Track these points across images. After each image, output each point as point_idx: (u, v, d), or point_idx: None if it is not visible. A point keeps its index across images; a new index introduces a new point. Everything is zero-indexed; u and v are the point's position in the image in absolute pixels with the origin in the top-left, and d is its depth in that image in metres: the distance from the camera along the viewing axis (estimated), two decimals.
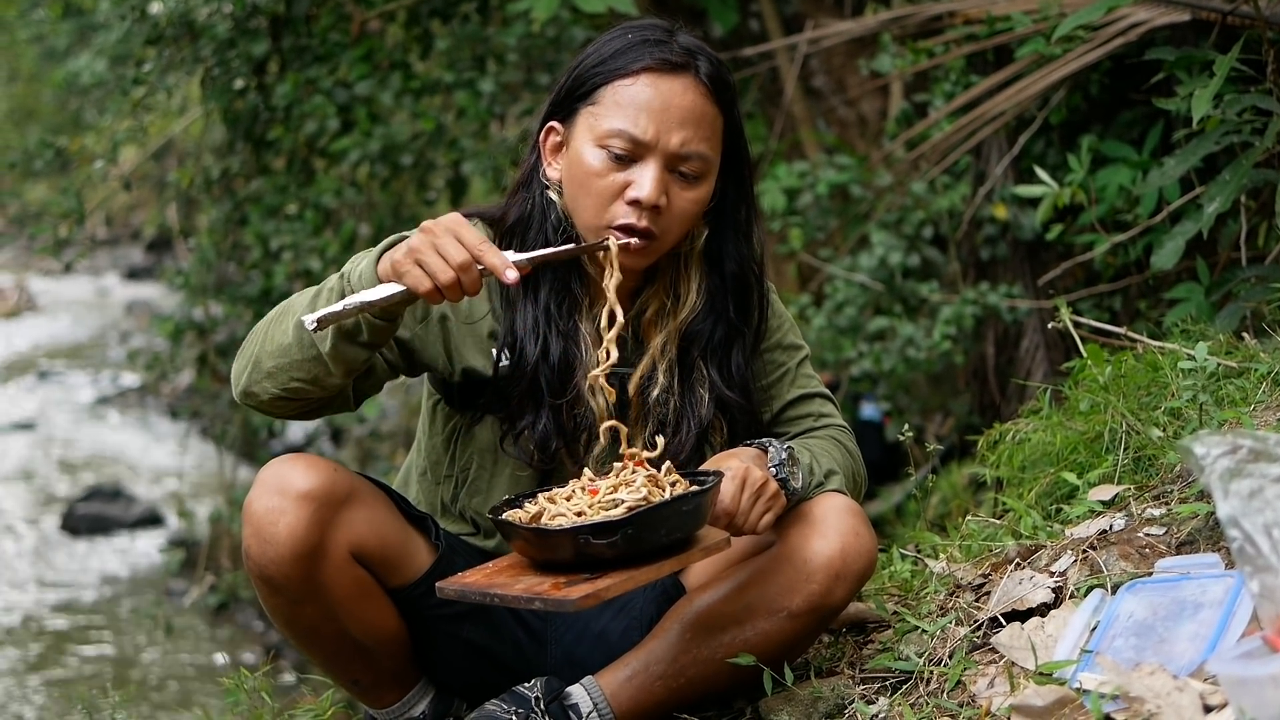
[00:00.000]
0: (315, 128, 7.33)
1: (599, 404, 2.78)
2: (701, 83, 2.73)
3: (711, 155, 2.75)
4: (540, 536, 2.43)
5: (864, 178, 6.61)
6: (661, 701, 2.74)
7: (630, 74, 2.72)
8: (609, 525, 2.37)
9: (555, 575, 2.42)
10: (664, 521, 2.42)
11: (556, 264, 2.78)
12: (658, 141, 2.69)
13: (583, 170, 2.73)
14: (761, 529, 2.61)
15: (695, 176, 2.73)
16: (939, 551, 3.38)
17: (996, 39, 5.34)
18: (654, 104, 2.70)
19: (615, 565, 2.40)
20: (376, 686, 2.88)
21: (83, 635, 9.35)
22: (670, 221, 2.73)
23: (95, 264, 21.68)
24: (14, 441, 14.07)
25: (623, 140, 2.70)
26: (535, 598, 2.36)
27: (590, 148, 2.73)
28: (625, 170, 2.71)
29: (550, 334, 2.78)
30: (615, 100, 2.72)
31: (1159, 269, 4.22)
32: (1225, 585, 2.42)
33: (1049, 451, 3.49)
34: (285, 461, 2.64)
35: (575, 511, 2.46)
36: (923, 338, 6.06)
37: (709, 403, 2.83)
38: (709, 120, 2.74)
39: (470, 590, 2.44)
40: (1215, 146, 4.07)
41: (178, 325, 8.52)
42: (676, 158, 2.71)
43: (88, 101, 14.19)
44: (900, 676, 2.78)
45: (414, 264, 2.43)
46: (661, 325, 2.85)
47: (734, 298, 2.87)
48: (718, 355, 2.86)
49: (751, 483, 2.58)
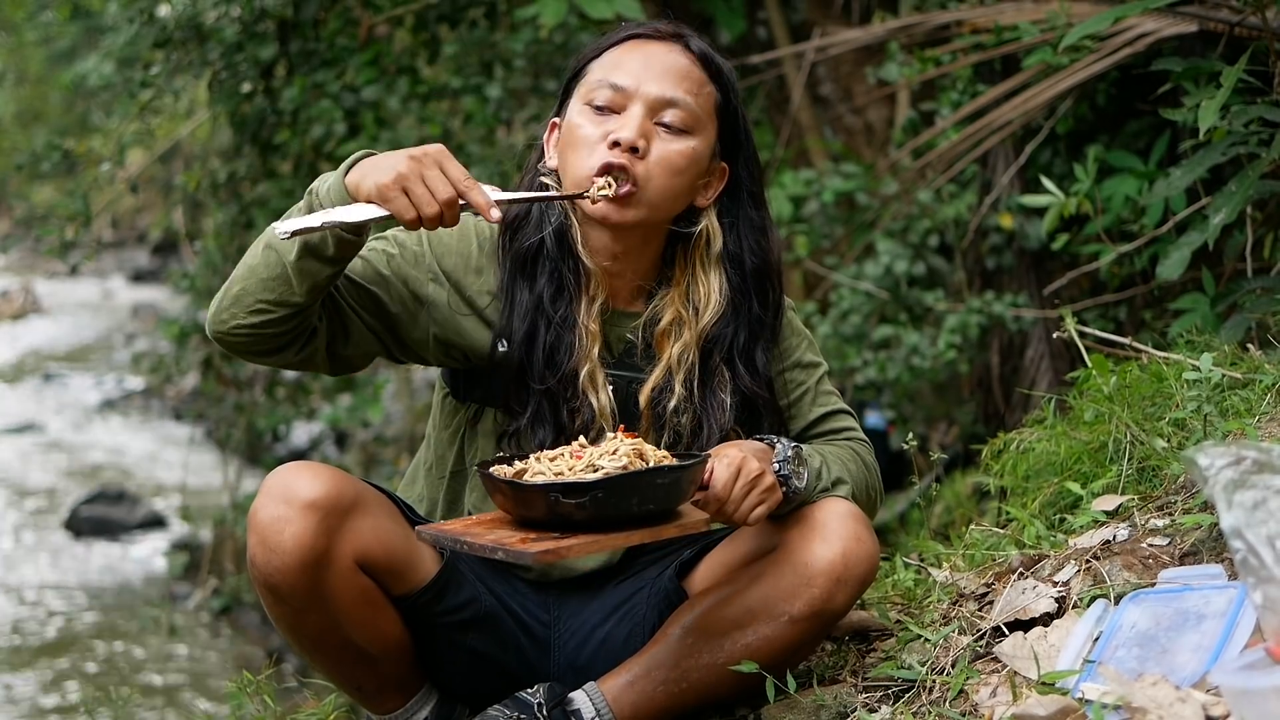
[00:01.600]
0: (322, 132, 7.34)
1: (600, 401, 2.78)
2: (689, 51, 2.80)
3: (697, 109, 2.78)
4: (515, 491, 2.45)
5: (870, 186, 6.62)
6: (663, 707, 2.74)
7: (614, 45, 2.82)
8: (579, 486, 2.40)
9: (529, 532, 2.45)
10: (636, 490, 2.43)
11: (551, 254, 2.80)
12: (638, 87, 2.74)
13: (571, 130, 2.79)
14: (752, 521, 2.60)
15: (680, 129, 2.76)
16: (942, 560, 3.38)
17: (1004, 48, 5.35)
18: (636, 57, 2.78)
19: (586, 528, 2.42)
20: (380, 693, 2.87)
21: (85, 637, 9.36)
22: (652, 169, 2.74)
23: (101, 267, 21.74)
24: (18, 443, 14.09)
25: (605, 88, 2.76)
26: (499, 548, 2.38)
27: (578, 107, 2.79)
28: (609, 120, 2.75)
29: (540, 322, 2.78)
30: (600, 65, 2.81)
31: (1164, 279, 4.22)
32: (1228, 596, 2.41)
33: (1053, 461, 3.49)
34: (291, 470, 2.63)
35: (555, 472, 2.48)
36: (928, 346, 6.07)
37: (730, 407, 2.83)
38: (694, 78, 2.79)
39: (444, 536, 2.49)
40: (1222, 157, 4.06)
41: (183, 328, 8.54)
42: (659, 103, 2.75)
43: (95, 104, 14.22)
44: (903, 685, 2.78)
45: (400, 191, 2.43)
46: (677, 335, 2.83)
47: (756, 295, 2.87)
48: (742, 356, 2.85)
49: (746, 472, 2.57)
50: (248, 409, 8.80)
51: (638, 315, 2.85)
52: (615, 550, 2.88)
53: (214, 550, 9.89)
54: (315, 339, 2.69)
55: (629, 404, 2.82)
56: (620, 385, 2.82)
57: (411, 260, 2.79)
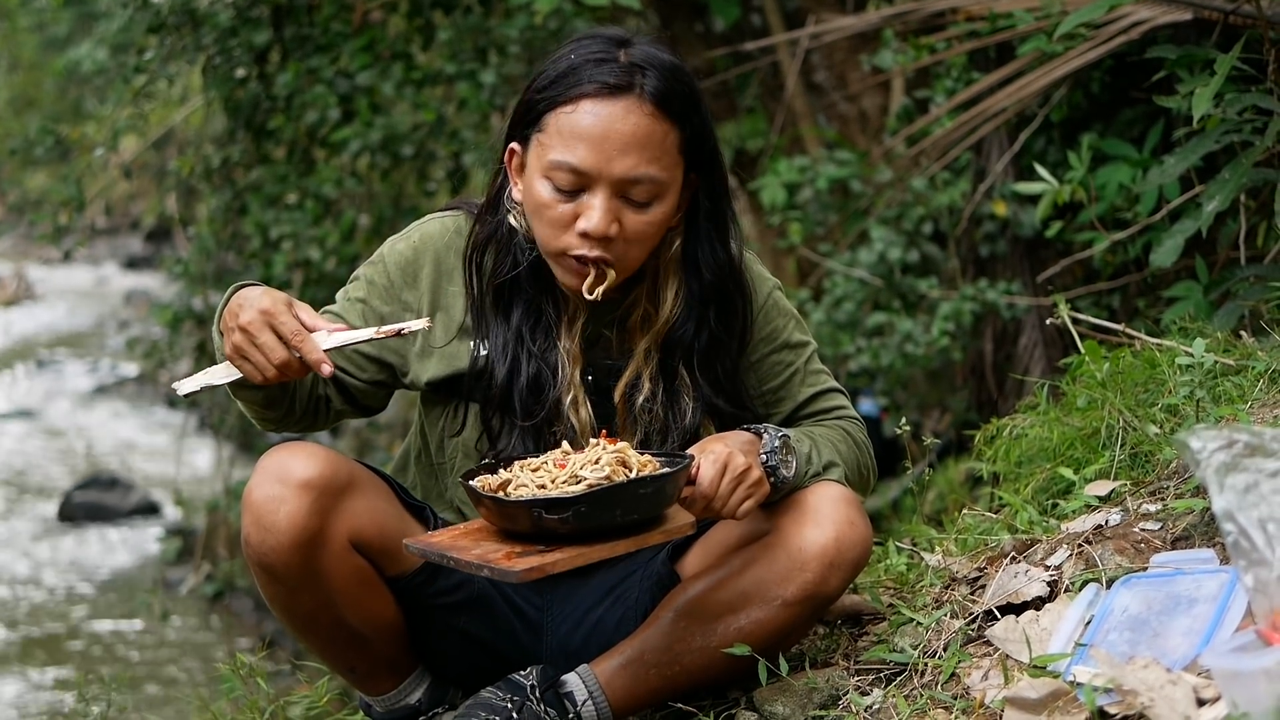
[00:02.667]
0: (316, 117, 7.33)
1: (581, 418, 2.78)
2: (645, 103, 2.66)
3: (662, 175, 2.69)
4: (499, 506, 2.47)
5: (864, 173, 6.63)
6: (656, 689, 2.74)
7: (570, 100, 2.67)
8: (562, 501, 2.41)
9: (514, 544, 2.46)
10: (619, 502, 2.44)
11: (527, 287, 2.80)
12: (600, 171, 2.65)
13: (534, 201, 2.72)
14: (740, 515, 2.59)
15: (647, 200, 2.69)
16: (935, 545, 3.39)
17: (998, 36, 5.35)
18: (594, 132, 2.64)
19: (569, 540, 2.43)
20: (372, 674, 2.88)
21: (79, 623, 9.36)
22: (627, 247, 2.70)
23: (94, 253, 21.71)
24: (12, 430, 14.08)
25: (565, 172, 2.66)
26: (484, 565, 2.40)
27: (539, 179, 2.70)
28: (574, 201, 2.68)
29: (521, 355, 2.78)
30: (557, 129, 2.68)
31: (1158, 267, 4.22)
32: (1220, 580, 2.42)
33: (1046, 447, 3.49)
34: (285, 449, 2.64)
35: (539, 484, 2.49)
36: (921, 333, 6.08)
37: (693, 411, 2.81)
38: (656, 140, 2.67)
39: (431, 550, 2.50)
40: (1215, 145, 4.07)
41: (176, 314, 8.54)
42: (623, 183, 2.66)
43: (88, 90, 14.20)
44: (895, 668, 2.79)
45: (242, 359, 2.54)
46: (644, 330, 2.82)
47: (714, 305, 2.84)
48: (701, 363, 2.83)
49: (733, 468, 2.56)
50: None
51: (615, 305, 2.83)
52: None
53: (207, 536, 9.88)
54: (329, 405, 2.86)
55: (603, 396, 2.82)
56: (598, 376, 2.82)
57: (383, 296, 2.84)
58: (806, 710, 2.74)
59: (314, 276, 7.65)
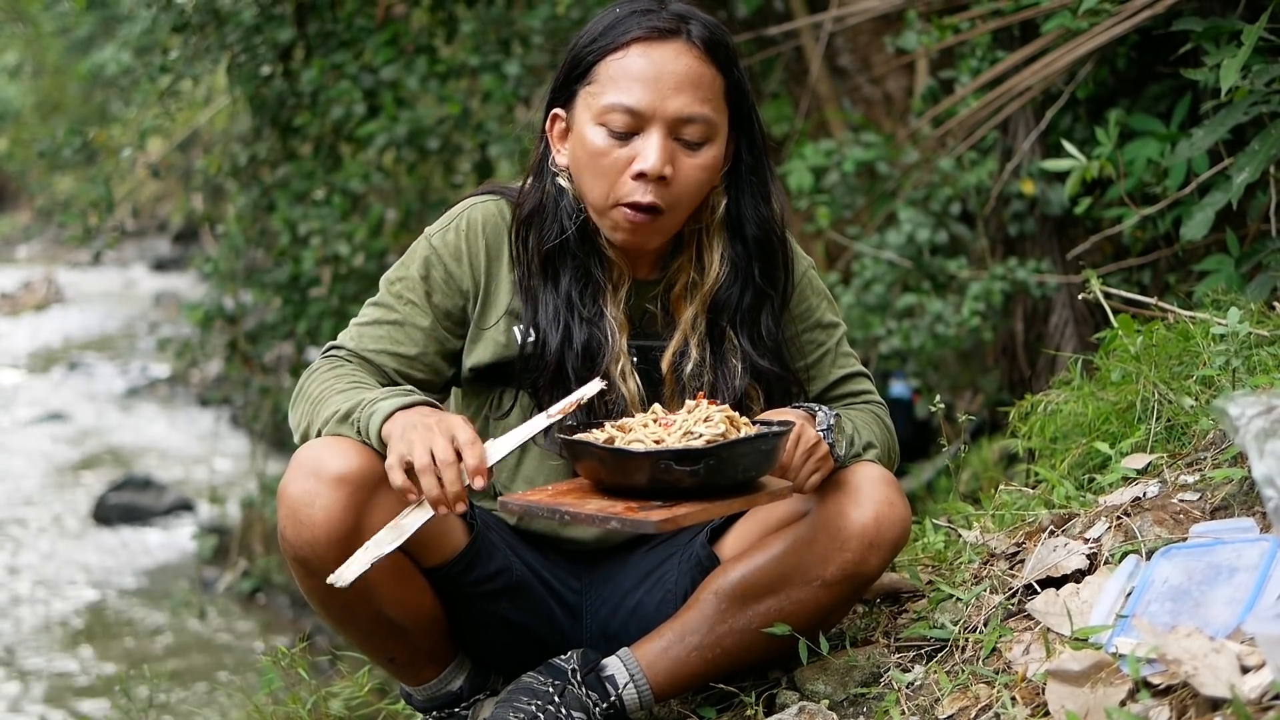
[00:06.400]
0: (341, 113, 7.35)
1: (630, 389, 2.79)
2: (694, 45, 2.72)
3: (714, 116, 2.74)
4: (618, 458, 2.42)
5: (891, 155, 6.61)
6: (697, 672, 2.75)
7: (620, 47, 2.73)
8: (693, 453, 2.38)
9: (624, 500, 2.43)
10: (744, 457, 2.43)
11: (575, 251, 2.81)
12: (655, 110, 2.69)
13: (587, 151, 2.75)
14: (809, 488, 2.62)
15: (700, 141, 2.73)
16: (972, 522, 3.38)
17: (1022, 14, 5.33)
18: (647, 73, 2.70)
19: (687, 495, 2.40)
20: (413, 664, 2.88)
21: (117, 623, 9.41)
22: (679, 193, 2.74)
23: (122, 256, 21.83)
24: (45, 433, 14.15)
25: (620, 114, 2.70)
26: (611, 517, 2.36)
27: (591, 127, 2.74)
28: (628, 145, 2.71)
29: (573, 321, 2.79)
30: (609, 75, 2.73)
31: (1188, 240, 4.21)
32: (1260, 549, 2.42)
33: (1080, 422, 3.49)
34: (320, 444, 2.63)
35: (654, 439, 2.45)
36: (951, 314, 6.06)
37: (742, 372, 2.83)
38: (706, 82, 2.73)
39: (537, 506, 2.45)
40: (1244, 117, 4.05)
41: (207, 313, 8.56)
42: (678, 122, 2.70)
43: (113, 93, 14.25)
44: (935, 645, 2.79)
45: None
46: (690, 299, 2.85)
47: (759, 262, 2.87)
48: (747, 323, 2.85)
49: (806, 440, 2.59)
50: (273, 392, 8.82)
51: (655, 283, 2.86)
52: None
53: (243, 533, 9.93)
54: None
55: (651, 372, 2.83)
56: (643, 354, 2.83)
57: (444, 290, 2.85)
58: (848, 688, 2.74)
59: (343, 272, 7.68)
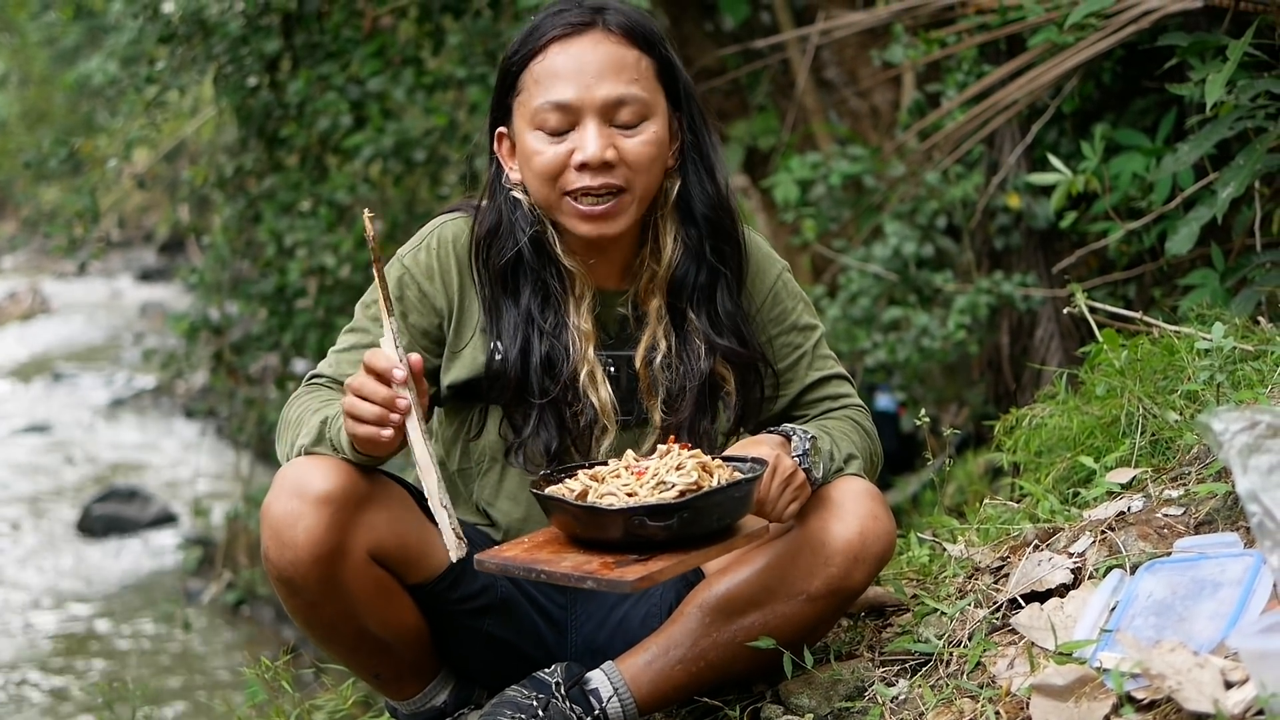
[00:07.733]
0: (328, 124, 7.35)
1: (601, 398, 2.79)
2: (612, 32, 2.73)
3: (645, 95, 2.74)
4: (591, 515, 2.42)
5: (877, 168, 6.62)
6: (681, 685, 2.74)
7: (540, 50, 2.74)
8: (666, 508, 2.37)
9: (599, 554, 2.42)
10: (717, 507, 2.43)
11: (532, 265, 2.80)
12: (583, 100, 2.70)
13: (529, 156, 2.75)
14: (787, 518, 2.63)
15: (636, 121, 2.73)
16: (957, 535, 3.38)
17: (1009, 28, 5.34)
18: (569, 67, 2.71)
19: (663, 548, 2.40)
20: (397, 679, 2.88)
21: (101, 634, 9.39)
22: (633, 174, 2.74)
23: (108, 266, 21.75)
24: (30, 444, 14.11)
25: (551, 112, 2.71)
26: (587, 577, 2.35)
27: (529, 133, 2.75)
28: (566, 140, 2.72)
29: (533, 334, 2.79)
30: (534, 80, 2.74)
31: (1173, 255, 4.22)
32: (1244, 564, 2.42)
33: (1065, 436, 3.49)
34: (303, 464, 2.62)
35: (626, 491, 2.45)
36: (937, 327, 6.07)
37: (705, 354, 2.83)
38: (630, 63, 2.73)
39: (513, 565, 2.45)
40: (1229, 132, 4.06)
41: (192, 324, 8.55)
42: (608, 107, 2.71)
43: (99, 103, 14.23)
44: (920, 659, 2.79)
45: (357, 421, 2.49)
46: (654, 291, 2.85)
47: (710, 239, 2.86)
48: (704, 300, 2.85)
49: (782, 471, 2.59)
50: (258, 404, 8.81)
51: (626, 291, 2.86)
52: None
53: (227, 545, 9.91)
54: None
55: (630, 377, 2.83)
56: (621, 364, 2.83)
57: (419, 310, 2.84)
58: (832, 702, 2.74)
59: (329, 283, 7.67)
